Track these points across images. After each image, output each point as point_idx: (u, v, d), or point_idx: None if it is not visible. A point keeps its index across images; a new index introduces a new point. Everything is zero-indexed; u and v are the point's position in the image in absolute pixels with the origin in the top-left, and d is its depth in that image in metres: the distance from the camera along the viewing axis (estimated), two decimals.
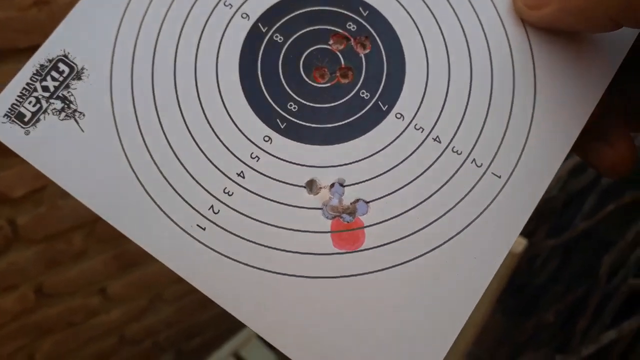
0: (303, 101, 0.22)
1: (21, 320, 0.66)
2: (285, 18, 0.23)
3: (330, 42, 0.23)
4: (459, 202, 0.21)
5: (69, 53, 0.22)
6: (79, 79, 0.22)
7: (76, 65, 0.22)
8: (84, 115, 0.22)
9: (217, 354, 0.79)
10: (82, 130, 0.22)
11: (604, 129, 0.24)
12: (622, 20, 0.20)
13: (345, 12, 0.23)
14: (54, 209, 0.60)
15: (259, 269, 0.20)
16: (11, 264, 0.61)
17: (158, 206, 0.21)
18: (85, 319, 0.72)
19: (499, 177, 0.21)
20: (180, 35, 0.23)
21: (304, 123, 0.22)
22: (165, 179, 0.21)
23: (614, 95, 0.23)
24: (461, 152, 0.21)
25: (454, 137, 0.22)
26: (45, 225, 0.60)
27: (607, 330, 0.46)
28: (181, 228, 0.21)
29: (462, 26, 0.23)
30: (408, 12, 0.23)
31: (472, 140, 0.22)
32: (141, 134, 0.22)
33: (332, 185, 0.21)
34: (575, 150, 0.23)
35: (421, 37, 0.23)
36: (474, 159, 0.21)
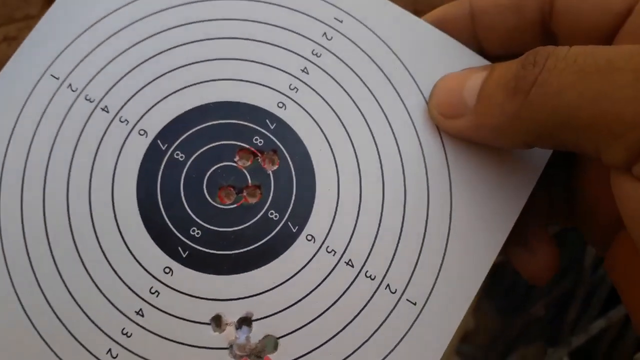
0: (207, 225, 0.21)
1: None
2: (187, 134, 0.21)
3: (236, 158, 0.21)
4: (373, 334, 0.20)
5: None
6: None
7: None
8: None
9: None
10: None
11: (525, 232, 0.23)
12: (535, 143, 0.19)
13: (252, 125, 0.22)
14: None
15: None
16: None
17: (54, 353, 0.19)
18: None
19: (414, 304, 0.20)
20: (73, 155, 0.21)
21: (208, 250, 0.20)
22: (60, 320, 0.19)
23: (536, 200, 0.22)
24: (374, 277, 0.20)
25: (366, 260, 0.21)
26: None
27: (596, 320, 0.46)
28: None
29: (374, 138, 0.22)
30: (317, 124, 0.22)
31: (385, 263, 0.21)
32: (32, 268, 0.20)
33: (239, 320, 0.20)
34: None
35: (332, 151, 0.22)
36: (387, 285, 0.20)
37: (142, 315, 0.20)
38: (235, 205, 0.21)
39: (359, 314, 0.20)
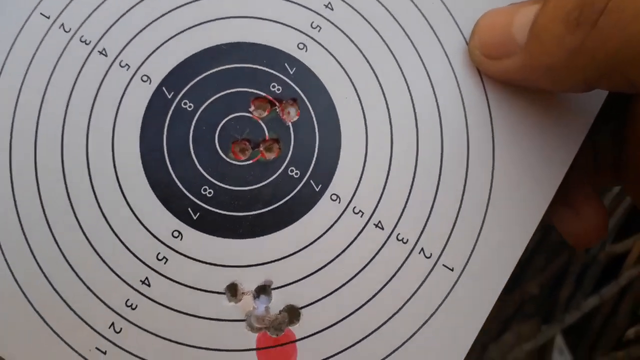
0: (220, 184, 0.18)
1: None
2: (196, 80, 0.19)
3: (251, 108, 0.19)
4: (406, 303, 0.18)
5: None
6: None
7: None
8: None
9: None
10: None
11: (568, 190, 0.21)
12: (596, 84, 0.16)
13: (269, 70, 0.19)
14: None
15: None
16: None
17: (49, 326, 0.17)
18: None
19: (451, 269, 0.18)
20: (67, 106, 0.18)
21: (221, 211, 0.18)
22: (56, 291, 0.18)
23: (583, 158, 0.20)
24: (407, 241, 0.18)
25: (398, 222, 0.18)
26: None
27: (589, 297, 0.46)
28: (77, 352, 0.17)
29: (407, 84, 0.19)
30: (344, 68, 0.19)
31: (419, 226, 0.18)
32: (24, 233, 0.18)
33: (257, 289, 0.18)
34: None
35: (359, 100, 0.19)
36: (421, 249, 0.18)
37: (148, 285, 0.18)
38: (251, 162, 0.19)
39: (389, 281, 0.18)
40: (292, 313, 0.18)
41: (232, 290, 0.18)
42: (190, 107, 0.19)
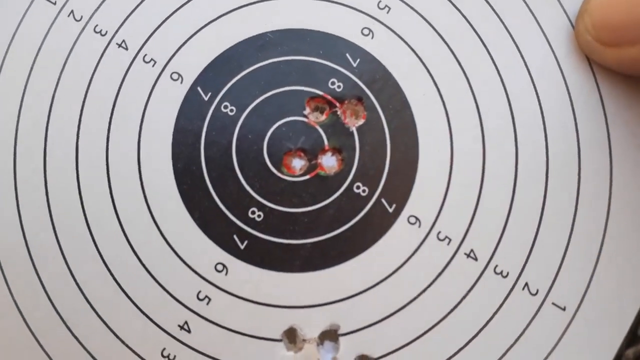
0: (271, 205, 0.15)
1: None
2: (237, 78, 0.15)
3: (306, 111, 0.15)
4: (510, 348, 0.14)
5: None
6: None
7: None
8: None
9: None
10: None
11: None
12: None
13: (326, 62, 0.15)
14: None
15: None
16: None
17: None
18: None
19: (563, 309, 0.14)
20: (81, 111, 0.15)
21: (274, 239, 0.15)
22: (79, 341, 0.14)
23: None
24: (507, 274, 0.15)
25: (495, 251, 0.15)
26: None
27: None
28: None
29: (500, 76, 0.15)
30: (420, 58, 0.15)
31: (521, 257, 0.15)
32: (39, 277, 0.15)
33: (322, 335, 0.14)
34: None
35: (441, 97, 0.15)
36: (526, 284, 0.15)
37: (188, 331, 0.14)
38: (307, 177, 0.15)
39: (487, 323, 0.14)
40: None
41: (291, 337, 0.15)
42: (231, 110, 0.15)
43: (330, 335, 0.15)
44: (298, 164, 0.15)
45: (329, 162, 0.15)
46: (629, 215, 0.15)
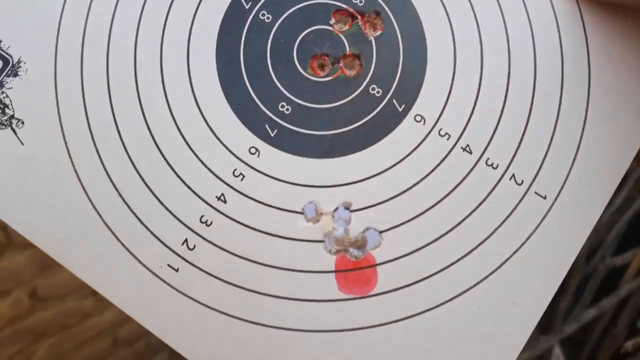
0: (298, 100, 0.17)
1: (17, 324, 0.66)
2: None
3: (332, 21, 0.18)
4: (495, 230, 0.17)
5: (0, 41, 0.17)
6: (15, 75, 0.17)
7: (11, 57, 0.17)
8: (22, 122, 0.17)
9: None
10: (22, 143, 0.17)
11: None
12: None
13: None
14: None
15: (246, 321, 0.17)
16: (4, 269, 0.61)
17: (120, 242, 0.17)
18: (79, 322, 0.72)
19: (544, 197, 0.17)
20: (140, 16, 0.18)
21: (300, 129, 0.17)
22: (128, 206, 0.17)
23: None
24: (497, 166, 0.17)
25: (487, 146, 0.17)
26: None
27: (588, 309, 0.47)
28: (148, 269, 0.17)
29: (500, 5, 0.18)
30: None
31: (510, 151, 0.17)
32: (96, 148, 0.17)
33: (336, 210, 0.17)
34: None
35: (447, 15, 0.18)
36: (512, 175, 0.17)
37: (224, 201, 0.17)
38: (330, 78, 0.18)
39: (477, 207, 0.17)
40: (373, 237, 0.17)
41: (310, 210, 0.17)
42: (268, 18, 0.18)
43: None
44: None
45: (349, 67, 0.18)
46: (603, 121, 0.17)
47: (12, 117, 0.17)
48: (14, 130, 0.17)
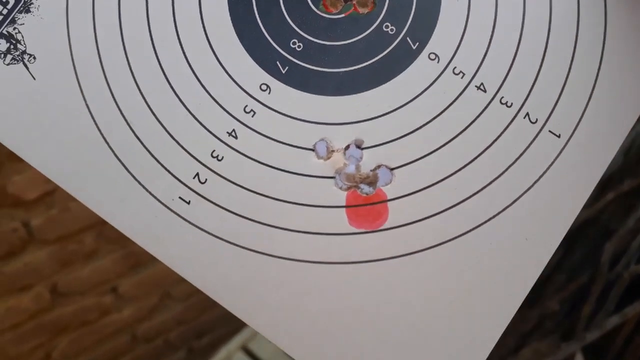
0: (310, 38, 0.17)
1: (38, 319, 0.67)
2: None
3: None
4: (508, 168, 0.17)
5: None
6: (28, 11, 0.17)
7: None
8: (34, 58, 0.17)
9: (226, 347, 0.78)
10: (34, 78, 0.17)
11: None
12: None
13: None
14: (65, 210, 0.61)
15: (256, 252, 0.17)
16: (26, 264, 0.62)
17: (131, 174, 0.17)
18: (98, 318, 0.73)
19: (558, 136, 0.17)
20: None
21: (311, 67, 0.17)
22: (139, 140, 0.17)
23: None
24: (511, 105, 0.17)
25: (502, 85, 0.17)
26: (57, 227, 0.62)
27: (611, 316, 0.46)
28: (160, 202, 0.17)
29: None
30: None
31: (524, 90, 0.17)
32: (107, 82, 0.17)
33: (347, 147, 0.17)
34: None
35: None
36: (527, 114, 0.17)
37: (235, 137, 0.17)
38: (342, 15, 0.17)
39: (490, 145, 0.17)
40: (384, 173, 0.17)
41: (322, 147, 0.17)
42: None
43: (356, 148, 0.17)
44: None
45: (363, 4, 0.18)
46: (619, 62, 0.17)
47: (24, 52, 0.17)
48: (26, 66, 0.17)
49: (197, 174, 0.17)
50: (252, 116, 0.17)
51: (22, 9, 0.17)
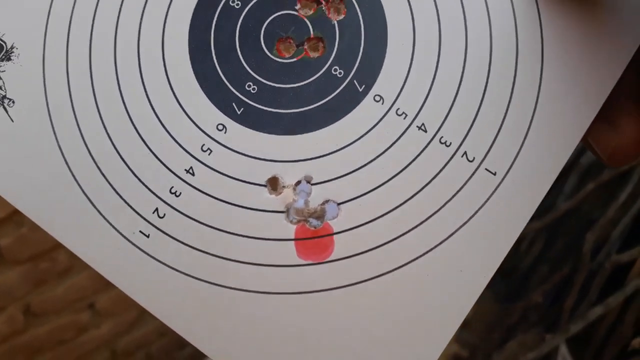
0: (264, 81, 0.19)
1: (11, 342, 0.65)
2: None
3: (297, 6, 0.19)
4: (445, 204, 0.18)
5: None
6: (9, 59, 0.19)
7: (5, 43, 0.19)
8: (13, 102, 0.19)
9: (209, 358, 0.77)
10: (12, 120, 0.19)
11: (609, 107, 0.20)
12: None
13: None
14: (35, 229, 0.59)
15: (210, 282, 0.18)
16: None
17: (96, 209, 0.18)
18: (76, 336, 0.71)
19: (494, 174, 0.18)
20: (121, 6, 0.19)
21: (264, 108, 0.18)
22: (105, 177, 0.18)
23: (626, 70, 0.19)
24: (450, 144, 0.18)
25: (442, 125, 0.18)
26: (28, 246, 0.60)
27: (594, 307, 0.47)
28: (122, 235, 0.18)
29: None
30: None
31: (463, 130, 0.18)
32: (77, 124, 0.18)
33: (298, 183, 0.18)
34: None
35: (409, 3, 0.19)
36: (464, 152, 0.18)
37: (193, 174, 0.18)
38: (295, 60, 0.19)
39: (430, 182, 0.18)
40: (331, 208, 0.18)
41: (273, 184, 0.18)
42: (237, 4, 0.19)
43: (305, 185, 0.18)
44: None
45: (313, 49, 0.19)
46: (554, 103, 0.18)
47: (4, 97, 0.19)
48: (5, 109, 0.19)
49: (157, 209, 0.18)
50: (209, 154, 0.18)
51: (4, 57, 0.19)
